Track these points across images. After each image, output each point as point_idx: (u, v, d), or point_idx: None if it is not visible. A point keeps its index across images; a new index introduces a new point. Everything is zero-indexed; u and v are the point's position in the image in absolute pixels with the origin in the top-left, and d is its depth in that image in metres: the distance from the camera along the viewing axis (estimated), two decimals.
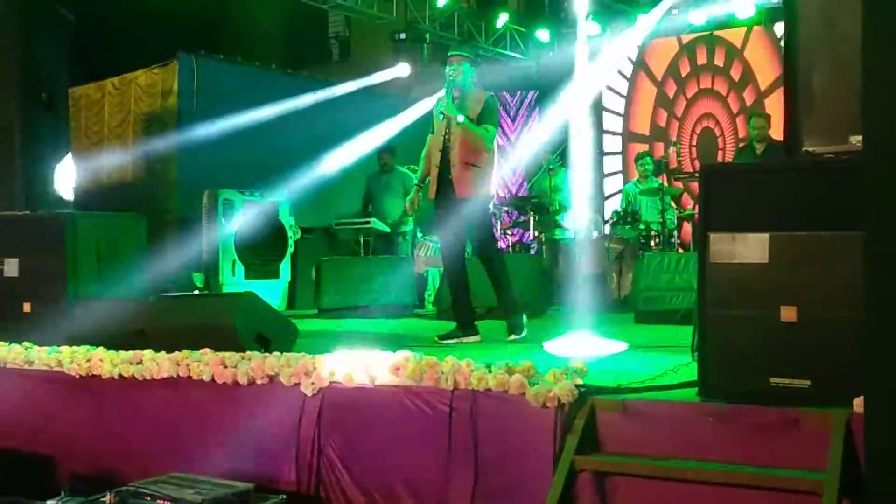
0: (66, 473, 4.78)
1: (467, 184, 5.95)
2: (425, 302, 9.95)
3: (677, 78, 12.84)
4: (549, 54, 13.56)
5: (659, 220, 9.37)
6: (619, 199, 12.63)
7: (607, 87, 13.38)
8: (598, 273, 9.64)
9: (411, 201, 6.33)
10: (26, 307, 5.80)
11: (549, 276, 9.58)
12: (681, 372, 4.06)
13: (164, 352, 4.80)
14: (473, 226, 6.02)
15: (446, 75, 6.09)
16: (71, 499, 4.22)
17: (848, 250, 3.32)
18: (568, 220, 10.08)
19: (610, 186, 13.37)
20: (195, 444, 4.49)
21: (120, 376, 4.78)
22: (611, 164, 13.45)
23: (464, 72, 6.08)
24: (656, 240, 9.54)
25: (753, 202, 3.63)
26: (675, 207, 10.25)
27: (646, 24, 12.08)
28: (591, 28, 13.10)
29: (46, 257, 5.79)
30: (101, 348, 5.07)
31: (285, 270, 9.66)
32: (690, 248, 10.13)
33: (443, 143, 6.03)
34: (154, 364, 4.70)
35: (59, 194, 6.39)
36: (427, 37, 12.80)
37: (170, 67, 10.89)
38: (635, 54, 13.13)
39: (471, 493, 3.78)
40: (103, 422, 4.83)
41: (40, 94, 6.39)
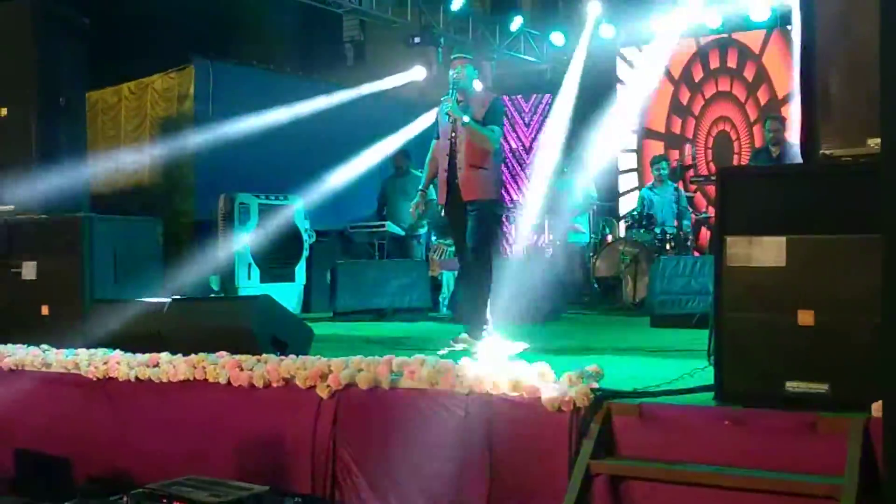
0: (82, 475, 4.79)
1: (473, 187, 5.96)
2: (440, 305, 9.95)
3: (694, 80, 12.81)
4: (564, 57, 13.54)
5: (674, 223, 9.35)
6: (632, 197, 12.66)
7: (621, 83, 13.34)
8: (613, 277, 9.63)
9: (416, 205, 6.37)
10: (44, 310, 5.84)
11: (564, 280, 9.56)
12: (697, 376, 4.04)
13: (180, 354, 4.82)
14: (473, 229, 5.98)
15: (450, 78, 6.09)
16: (87, 501, 4.24)
17: (866, 253, 3.30)
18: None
19: (624, 183, 13.33)
20: (211, 446, 4.50)
21: (136, 379, 4.80)
22: (626, 161, 13.38)
23: (467, 74, 6.08)
24: (671, 243, 9.51)
25: (770, 205, 3.62)
26: (692, 210, 10.22)
27: (673, 29, 12.06)
28: (605, 31, 13.13)
29: (64, 260, 5.83)
30: (118, 351, 5.10)
31: (301, 274, 9.68)
32: (707, 251, 10.09)
33: (449, 146, 6.03)
34: (171, 367, 4.72)
35: (76, 198, 6.41)
36: (441, 40, 12.80)
37: (186, 72, 10.95)
38: (651, 52, 13.10)
39: (486, 497, 3.78)
40: (120, 424, 4.85)
41: (58, 99, 6.42)
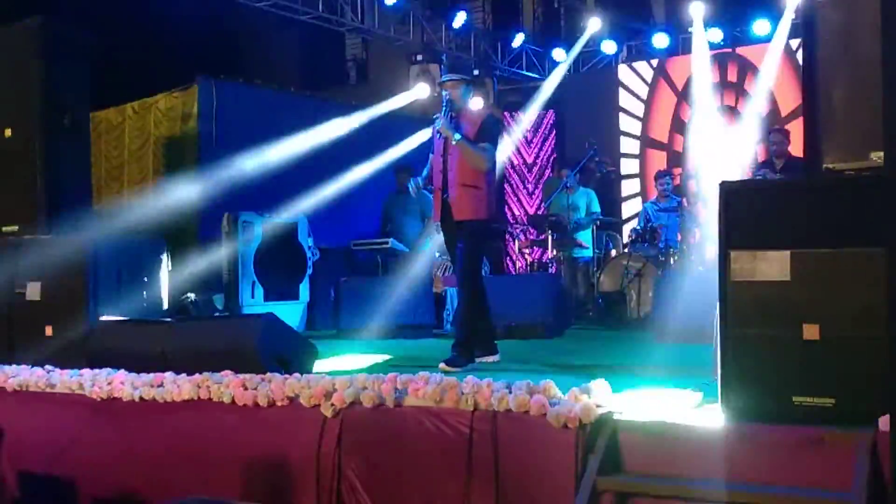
0: (87, 496, 4.78)
1: (465, 207, 5.84)
2: (444, 322, 9.93)
3: (697, 93, 12.84)
4: (566, 74, 13.60)
5: (678, 237, 9.34)
6: (633, 203, 12.66)
7: (624, 88, 13.39)
8: (617, 292, 9.60)
9: (415, 188, 6.25)
10: (48, 331, 5.84)
11: (568, 295, 9.54)
12: (703, 391, 4.03)
13: (184, 374, 4.82)
14: (462, 251, 5.88)
15: (444, 97, 5.98)
16: None
17: (870, 267, 3.29)
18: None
19: (626, 189, 13.33)
20: (216, 466, 4.48)
21: (141, 399, 4.79)
22: (627, 166, 13.38)
23: (461, 93, 5.96)
24: (675, 258, 9.50)
25: (774, 219, 3.61)
26: (696, 224, 10.21)
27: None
28: (607, 47, 13.20)
29: (68, 281, 5.83)
30: (122, 371, 5.09)
31: (304, 291, 9.68)
32: (712, 265, 10.06)
33: (443, 163, 5.93)
34: (175, 386, 4.71)
35: (80, 218, 6.43)
36: (444, 57, 12.85)
37: (189, 91, 10.98)
38: (655, 63, 13.19)
39: None
40: (124, 444, 4.83)
41: (62, 119, 6.44)
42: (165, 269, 6.45)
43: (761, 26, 11.79)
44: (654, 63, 13.20)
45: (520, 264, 12.74)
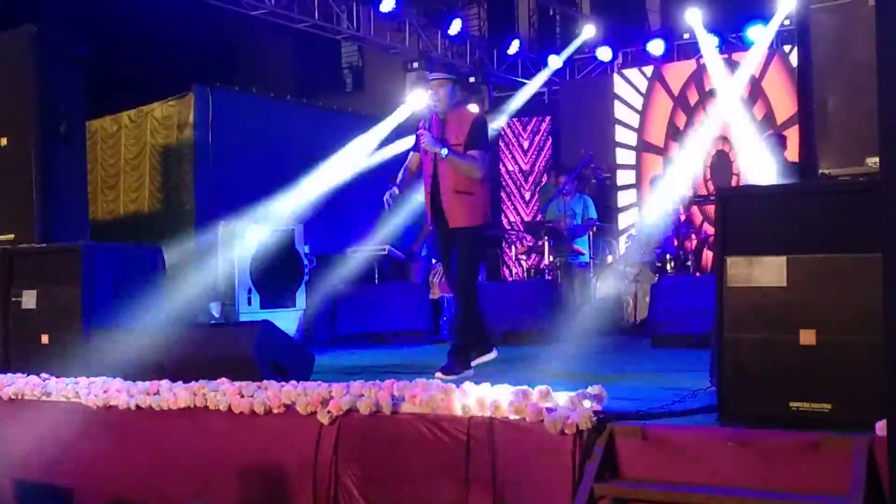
0: None
1: (459, 214, 5.71)
2: (441, 328, 9.93)
3: (689, 103, 12.88)
4: (562, 81, 13.64)
5: (674, 243, 9.35)
6: (629, 214, 12.68)
7: (619, 99, 13.42)
8: (614, 298, 9.61)
9: (389, 196, 5.92)
10: (44, 339, 5.83)
11: (565, 301, 9.54)
12: (700, 396, 4.02)
13: (180, 382, 4.81)
14: (459, 257, 5.78)
15: (430, 103, 5.85)
16: None
17: (866, 272, 3.29)
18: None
19: (623, 199, 13.37)
20: (213, 473, 4.48)
21: (137, 407, 4.78)
22: (624, 177, 13.43)
23: (447, 92, 5.74)
24: (672, 263, 9.51)
25: (770, 225, 3.62)
26: (693, 230, 10.23)
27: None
28: (603, 53, 13.23)
29: (64, 289, 5.81)
30: (118, 379, 5.08)
31: (301, 299, 9.67)
32: (708, 271, 10.08)
33: (433, 168, 5.76)
34: (171, 394, 4.70)
35: (76, 226, 6.42)
36: (431, 58, 12.88)
37: (185, 100, 11.00)
38: (650, 70, 13.23)
39: None
40: (121, 453, 4.82)
41: (58, 127, 6.44)
42: (162, 278, 6.43)
43: (756, 32, 11.81)
44: (647, 71, 13.24)
45: (516, 271, 12.75)
